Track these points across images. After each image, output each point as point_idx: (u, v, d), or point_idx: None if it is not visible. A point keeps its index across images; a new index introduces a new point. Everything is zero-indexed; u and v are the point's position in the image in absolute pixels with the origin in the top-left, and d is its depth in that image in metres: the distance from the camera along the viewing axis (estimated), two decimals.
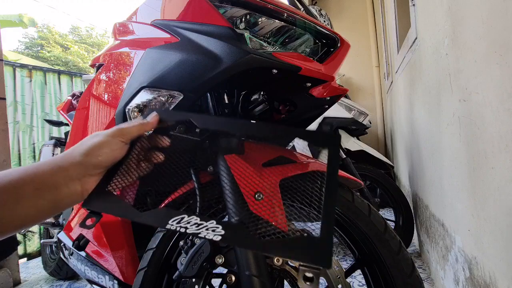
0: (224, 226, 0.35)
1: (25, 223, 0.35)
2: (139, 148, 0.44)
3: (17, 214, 0.34)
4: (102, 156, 0.39)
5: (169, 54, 0.56)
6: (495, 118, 0.62)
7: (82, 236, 0.80)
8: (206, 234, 0.35)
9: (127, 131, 0.42)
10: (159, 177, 0.46)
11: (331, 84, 0.63)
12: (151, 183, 0.46)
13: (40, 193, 0.35)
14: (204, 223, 0.36)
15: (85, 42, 19.73)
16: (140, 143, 0.44)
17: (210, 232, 0.35)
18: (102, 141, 0.39)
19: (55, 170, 0.36)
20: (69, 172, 0.37)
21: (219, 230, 0.35)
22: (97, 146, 0.39)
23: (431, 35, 1.09)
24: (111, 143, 0.40)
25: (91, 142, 0.39)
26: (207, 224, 0.35)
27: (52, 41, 17.22)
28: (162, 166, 0.46)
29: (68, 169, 0.37)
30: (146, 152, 0.45)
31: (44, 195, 0.35)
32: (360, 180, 0.64)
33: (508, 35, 0.55)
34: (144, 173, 0.44)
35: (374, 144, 3.42)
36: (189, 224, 0.36)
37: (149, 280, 0.59)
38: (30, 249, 2.53)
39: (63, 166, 0.37)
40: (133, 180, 0.43)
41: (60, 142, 1.76)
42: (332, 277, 0.52)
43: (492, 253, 0.67)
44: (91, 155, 0.38)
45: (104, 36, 20.81)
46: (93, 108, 0.81)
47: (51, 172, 0.36)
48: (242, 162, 0.48)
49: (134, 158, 0.44)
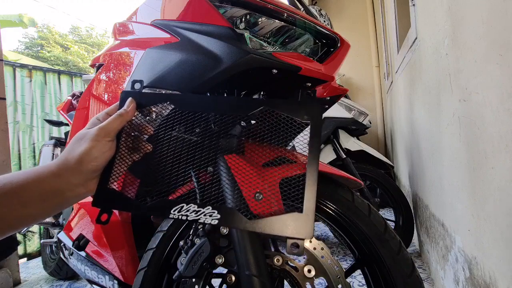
0: (219, 210, 0.38)
1: (33, 221, 0.37)
2: (125, 138, 0.45)
3: (25, 215, 0.35)
4: (95, 161, 0.40)
5: (169, 54, 0.56)
6: (495, 118, 0.62)
7: (82, 236, 0.80)
8: (204, 219, 0.38)
9: (109, 129, 0.41)
10: (159, 177, 0.46)
11: (331, 84, 0.63)
12: (151, 183, 0.46)
13: (45, 197, 0.36)
14: (201, 209, 0.39)
15: (85, 42, 19.73)
16: (125, 133, 0.45)
17: (208, 217, 0.38)
18: (90, 147, 0.39)
19: (56, 179, 0.37)
20: (70, 180, 0.38)
21: (215, 214, 0.38)
22: (87, 154, 0.39)
23: (431, 35, 1.09)
24: (99, 147, 0.40)
25: (80, 150, 0.39)
26: (204, 210, 0.38)
27: (52, 41, 17.22)
28: (162, 166, 0.46)
29: (69, 178, 0.38)
30: (133, 140, 0.46)
31: (49, 199, 0.37)
32: (360, 180, 0.64)
33: (508, 35, 0.55)
34: (138, 159, 0.45)
35: (374, 144, 3.42)
36: (188, 212, 0.39)
37: (149, 280, 0.59)
38: (30, 249, 2.53)
39: (62, 176, 0.37)
40: (129, 178, 0.44)
41: (60, 142, 1.76)
42: (332, 277, 0.52)
43: (492, 253, 0.67)
44: (84, 162, 0.39)
45: (104, 36, 20.81)
46: (93, 108, 0.81)
47: (53, 180, 0.37)
48: (242, 162, 0.48)
49: (124, 149, 0.44)
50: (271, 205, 0.42)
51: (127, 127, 0.45)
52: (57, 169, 0.38)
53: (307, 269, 0.52)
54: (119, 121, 0.43)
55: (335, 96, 0.67)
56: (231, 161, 0.48)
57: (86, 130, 0.41)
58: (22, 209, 0.34)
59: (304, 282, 0.52)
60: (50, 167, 0.38)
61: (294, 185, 0.42)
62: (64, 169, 0.38)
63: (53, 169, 0.37)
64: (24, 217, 0.35)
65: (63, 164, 0.38)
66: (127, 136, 0.45)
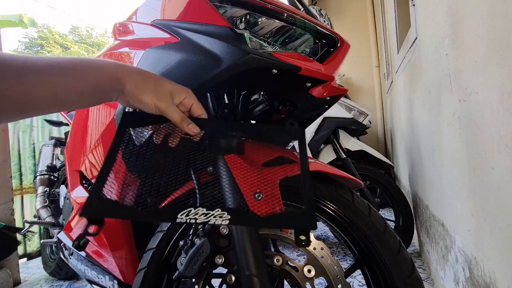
0: (229, 212, 0.40)
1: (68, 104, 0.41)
2: (124, 149, 0.45)
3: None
4: (159, 99, 0.44)
5: (169, 54, 0.56)
6: (495, 118, 0.62)
7: (82, 236, 0.80)
8: (215, 220, 0.39)
9: (172, 110, 0.44)
10: (159, 177, 0.46)
11: (331, 84, 0.63)
12: (151, 183, 0.46)
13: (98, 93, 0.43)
14: (210, 212, 0.39)
15: (85, 42, 19.73)
16: (126, 145, 0.45)
17: (218, 218, 0.39)
18: (173, 88, 0.45)
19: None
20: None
21: (226, 215, 0.39)
22: (172, 88, 0.46)
23: (431, 35, 1.09)
24: (169, 97, 0.44)
25: (168, 83, 0.46)
26: (214, 212, 0.39)
27: (52, 41, 17.22)
28: (162, 166, 0.46)
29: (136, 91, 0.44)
30: (133, 154, 0.46)
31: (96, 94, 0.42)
32: (360, 180, 0.64)
33: (508, 35, 0.55)
34: (136, 170, 0.45)
35: (374, 144, 3.42)
36: (197, 215, 0.39)
37: (149, 280, 0.59)
38: (30, 249, 2.53)
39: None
40: (127, 181, 0.44)
41: (60, 142, 1.76)
42: (332, 277, 0.52)
43: (492, 253, 0.67)
44: (162, 91, 0.44)
45: (104, 36, 20.82)
46: (93, 108, 0.81)
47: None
48: (242, 162, 0.48)
49: (122, 160, 0.45)
50: (271, 204, 0.42)
51: (129, 141, 0.46)
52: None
53: (307, 269, 0.52)
54: (176, 116, 0.44)
55: (335, 96, 0.67)
56: (231, 161, 0.48)
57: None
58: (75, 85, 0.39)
59: (304, 282, 0.52)
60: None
61: (295, 183, 0.44)
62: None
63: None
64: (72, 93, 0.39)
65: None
66: (127, 150, 0.45)
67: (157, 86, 0.44)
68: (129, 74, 0.43)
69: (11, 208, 1.78)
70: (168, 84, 0.45)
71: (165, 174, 0.45)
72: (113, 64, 0.43)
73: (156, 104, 0.43)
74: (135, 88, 0.42)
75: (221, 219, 0.39)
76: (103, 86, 0.41)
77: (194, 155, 0.47)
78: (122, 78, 0.42)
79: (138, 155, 0.46)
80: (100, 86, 0.41)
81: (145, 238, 0.66)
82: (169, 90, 0.44)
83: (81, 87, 0.40)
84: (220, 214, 0.39)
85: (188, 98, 0.45)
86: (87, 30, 20.86)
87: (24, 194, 2.55)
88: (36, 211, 1.51)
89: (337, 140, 1.92)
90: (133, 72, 0.43)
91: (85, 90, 0.40)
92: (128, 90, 0.42)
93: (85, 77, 0.40)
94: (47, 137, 2.80)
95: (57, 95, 0.38)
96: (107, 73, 0.41)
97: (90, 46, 19.34)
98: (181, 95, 0.45)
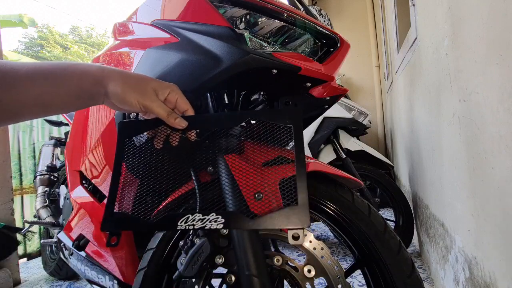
0: (223, 215, 0.41)
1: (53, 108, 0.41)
2: (128, 162, 0.47)
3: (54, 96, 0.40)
4: (144, 99, 0.44)
5: (169, 54, 0.56)
6: (495, 118, 0.62)
7: (82, 236, 0.80)
8: (210, 225, 0.41)
9: (157, 106, 0.44)
10: (159, 177, 0.46)
11: (331, 84, 0.63)
12: (151, 183, 0.46)
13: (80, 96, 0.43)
14: (206, 217, 0.41)
15: (85, 42, 19.74)
16: (128, 158, 0.47)
17: (213, 223, 0.41)
18: (157, 85, 0.45)
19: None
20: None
21: (220, 219, 0.41)
22: (157, 85, 0.46)
23: (431, 35, 1.09)
24: (153, 95, 0.45)
25: (153, 81, 0.46)
26: (209, 217, 0.41)
27: (52, 41, 17.23)
28: (162, 166, 0.46)
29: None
30: (136, 165, 0.47)
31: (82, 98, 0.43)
32: (360, 180, 0.64)
33: (508, 35, 0.55)
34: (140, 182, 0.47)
35: (374, 144, 3.42)
36: (194, 221, 0.41)
37: (149, 280, 0.59)
38: (30, 249, 2.53)
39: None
40: (134, 191, 0.45)
41: (60, 142, 1.76)
42: (332, 277, 0.52)
43: (492, 253, 0.67)
44: (148, 91, 0.45)
45: (104, 36, 20.83)
46: (93, 108, 0.81)
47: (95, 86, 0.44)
48: (242, 162, 0.48)
49: (128, 174, 0.46)
50: (270, 203, 0.42)
51: (130, 152, 0.47)
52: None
53: (307, 269, 0.52)
54: (162, 111, 0.44)
55: (335, 96, 0.67)
56: (231, 161, 0.48)
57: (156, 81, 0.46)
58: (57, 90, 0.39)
59: (304, 282, 0.52)
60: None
61: (291, 182, 0.44)
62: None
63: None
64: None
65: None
66: (129, 160, 0.47)
67: (140, 84, 0.44)
68: (110, 76, 0.43)
69: (11, 208, 1.78)
70: (152, 82, 0.45)
71: (167, 177, 0.46)
72: (95, 68, 0.43)
73: (140, 102, 0.43)
74: (117, 89, 0.42)
75: (216, 223, 0.40)
76: (86, 90, 0.42)
77: (194, 155, 0.48)
78: (103, 81, 0.42)
79: (140, 163, 0.47)
80: (83, 89, 0.41)
81: (145, 238, 0.66)
82: (153, 87, 0.44)
83: (64, 92, 0.40)
84: (215, 218, 0.41)
85: (172, 93, 0.45)
86: (87, 30, 20.88)
87: (24, 194, 2.54)
88: (36, 211, 1.51)
89: (337, 140, 1.92)
90: (114, 74, 0.43)
91: (69, 94, 0.40)
92: (111, 92, 0.42)
93: (68, 82, 0.40)
94: (47, 137, 2.80)
95: (43, 101, 0.38)
96: (89, 77, 0.41)
97: (90, 46, 19.35)
98: (165, 91, 0.45)
